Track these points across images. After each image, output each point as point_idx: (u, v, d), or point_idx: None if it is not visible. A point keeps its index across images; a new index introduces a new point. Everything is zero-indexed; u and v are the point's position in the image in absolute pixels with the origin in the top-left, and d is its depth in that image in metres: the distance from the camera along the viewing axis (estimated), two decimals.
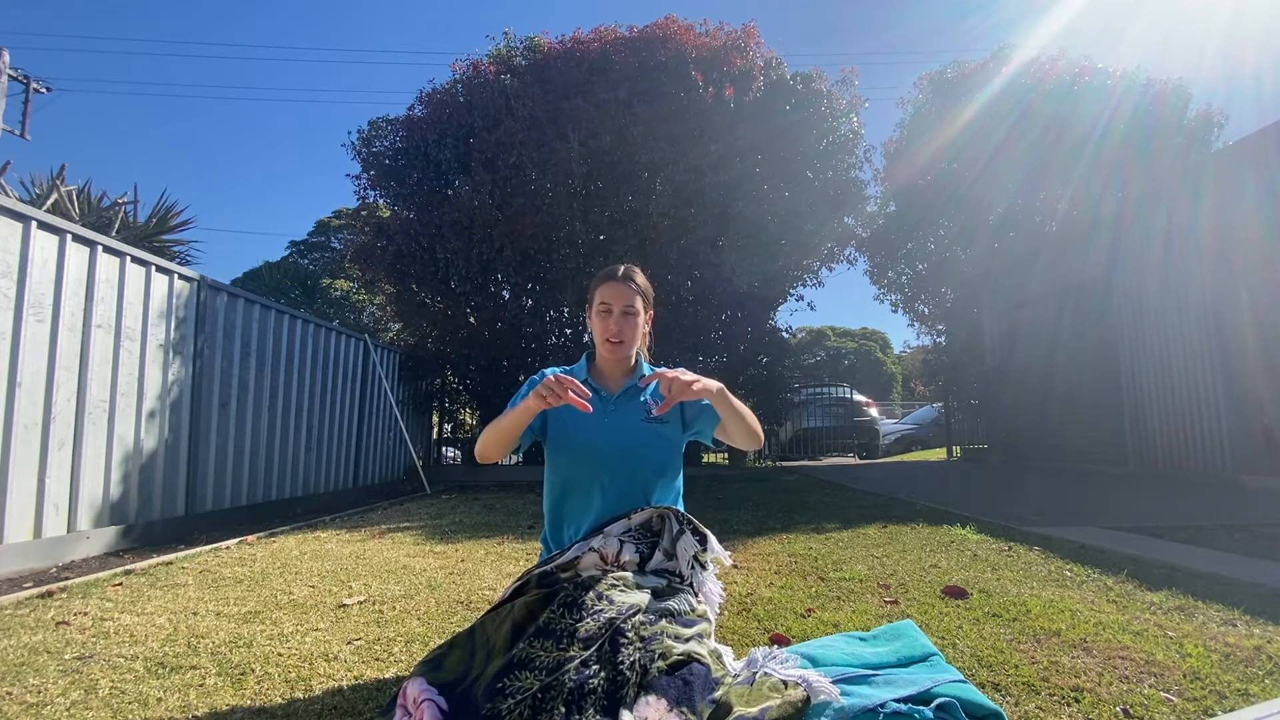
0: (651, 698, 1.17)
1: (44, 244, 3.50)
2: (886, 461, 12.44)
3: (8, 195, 6.75)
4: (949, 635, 1.82)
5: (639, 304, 1.74)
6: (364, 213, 10.53)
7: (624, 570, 1.46)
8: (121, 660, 1.74)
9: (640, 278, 1.78)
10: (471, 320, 8.73)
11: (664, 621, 1.32)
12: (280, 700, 1.50)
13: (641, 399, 1.74)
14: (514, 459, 8.19)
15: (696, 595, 1.50)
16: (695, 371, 1.50)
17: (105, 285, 3.90)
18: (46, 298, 3.50)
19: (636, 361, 1.80)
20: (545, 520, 1.79)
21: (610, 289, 1.72)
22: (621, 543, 1.52)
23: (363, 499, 6.58)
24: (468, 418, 10.05)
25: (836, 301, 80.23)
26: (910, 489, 6.26)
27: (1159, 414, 6.83)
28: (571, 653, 1.19)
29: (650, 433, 1.72)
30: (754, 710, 1.17)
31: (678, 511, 1.63)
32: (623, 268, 1.77)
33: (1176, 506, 4.68)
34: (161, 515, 4.29)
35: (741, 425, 1.59)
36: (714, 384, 1.52)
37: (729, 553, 1.66)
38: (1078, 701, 1.40)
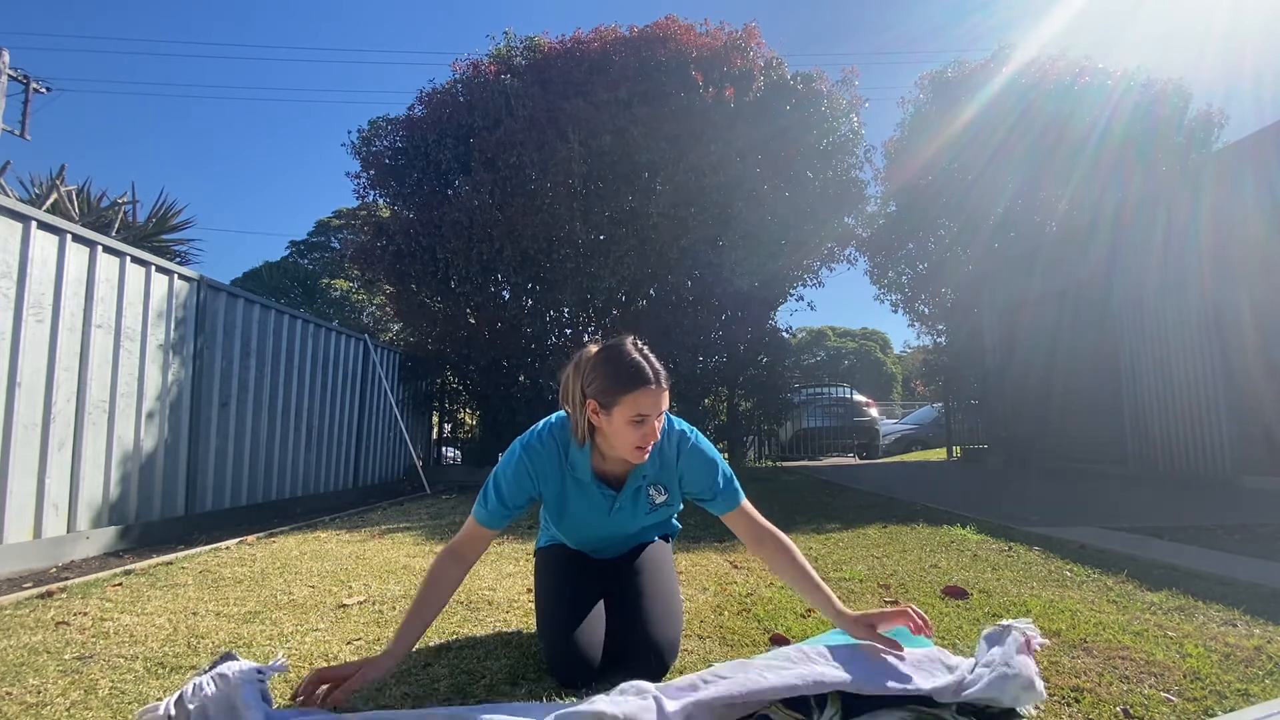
0: None
1: (44, 244, 3.50)
2: (886, 461, 12.44)
3: (8, 195, 6.75)
4: (949, 635, 1.82)
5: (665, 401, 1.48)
6: (364, 212, 10.55)
7: None
8: (121, 660, 1.74)
9: (663, 368, 1.48)
10: (471, 320, 8.73)
11: None
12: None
13: (643, 489, 1.64)
14: None
15: None
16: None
17: (105, 285, 3.90)
18: (46, 298, 3.50)
19: None
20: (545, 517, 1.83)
21: (648, 399, 1.41)
22: None
23: (362, 499, 6.57)
24: (467, 418, 10.06)
25: (836, 301, 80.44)
26: (910, 489, 6.26)
27: (1159, 414, 6.83)
28: None
29: (654, 517, 1.70)
30: None
31: None
32: (652, 366, 1.44)
33: (1176, 506, 4.68)
34: (161, 515, 4.29)
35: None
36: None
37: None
38: (1078, 702, 1.39)
